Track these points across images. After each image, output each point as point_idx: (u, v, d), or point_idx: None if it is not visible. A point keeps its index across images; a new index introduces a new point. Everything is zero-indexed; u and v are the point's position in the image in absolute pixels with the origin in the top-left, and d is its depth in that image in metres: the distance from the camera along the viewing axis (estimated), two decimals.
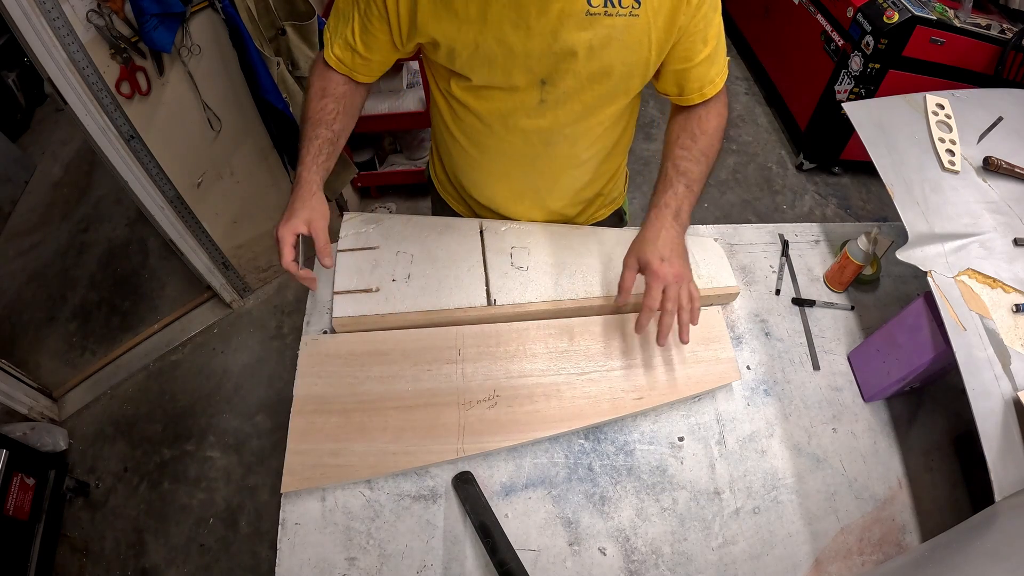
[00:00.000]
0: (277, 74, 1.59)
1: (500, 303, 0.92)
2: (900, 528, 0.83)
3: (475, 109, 0.86)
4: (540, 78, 0.79)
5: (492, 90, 0.82)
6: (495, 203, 1.04)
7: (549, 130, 0.86)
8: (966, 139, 1.06)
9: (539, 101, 0.82)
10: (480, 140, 0.91)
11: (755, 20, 3.15)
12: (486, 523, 0.75)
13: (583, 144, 0.91)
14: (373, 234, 0.98)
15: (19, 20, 1.22)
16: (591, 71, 0.78)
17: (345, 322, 0.89)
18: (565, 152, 0.91)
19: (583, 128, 0.87)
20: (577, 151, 0.91)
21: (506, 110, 0.84)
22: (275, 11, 1.58)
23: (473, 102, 0.85)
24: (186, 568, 1.62)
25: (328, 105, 0.86)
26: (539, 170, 0.94)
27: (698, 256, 1.02)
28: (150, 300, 2.21)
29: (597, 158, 0.96)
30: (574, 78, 0.78)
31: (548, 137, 0.87)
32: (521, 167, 0.94)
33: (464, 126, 0.91)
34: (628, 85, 0.83)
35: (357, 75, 0.88)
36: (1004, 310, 0.84)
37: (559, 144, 0.89)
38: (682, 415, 0.90)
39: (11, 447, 1.54)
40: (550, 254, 0.99)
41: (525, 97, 0.82)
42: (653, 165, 2.73)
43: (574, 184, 1.00)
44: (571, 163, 0.94)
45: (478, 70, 0.79)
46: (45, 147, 2.85)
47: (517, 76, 0.78)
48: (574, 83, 0.79)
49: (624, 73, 0.79)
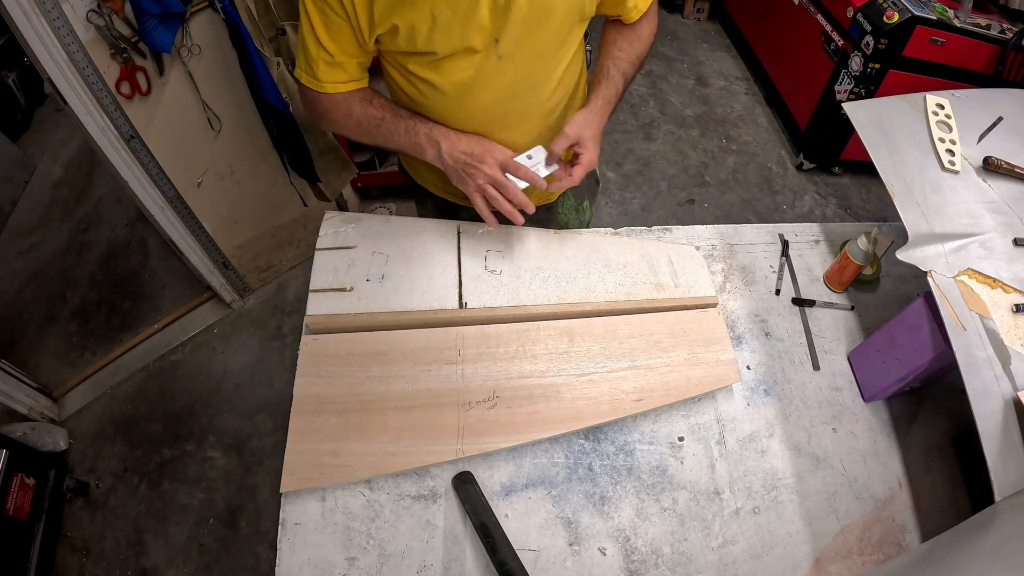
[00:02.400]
0: (277, 74, 1.59)
1: (471, 306, 0.93)
2: (900, 528, 0.83)
3: (439, 85, 0.88)
4: (493, 36, 0.83)
5: (453, 59, 0.85)
6: None
7: (513, 83, 0.89)
8: (966, 139, 1.06)
9: (497, 58, 0.85)
10: (449, 115, 0.93)
11: (755, 20, 3.15)
12: (486, 523, 0.75)
13: (547, 91, 0.94)
14: (351, 234, 0.98)
15: (19, 20, 1.22)
16: (536, 14, 0.82)
17: (318, 320, 0.89)
18: (532, 103, 0.94)
19: (544, 75, 0.91)
20: (543, 99, 0.95)
21: (469, 77, 0.87)
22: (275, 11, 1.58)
23: (437, 78, 0.88)
24: (186, 568, 1.62)
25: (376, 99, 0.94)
26: (511, 126, 0.96)
27: (676, 265, 1.02)
28: (150, 300, 2.21)
29: (563, 102, 1.00)
30: (521, 26, 0.82)
31: (513, 91, 0.90)
32: (494, 129, 0.96)
33: (432, 105, 0.93)
34: (572, 19, 0.88)
35: (357, 83, 0.92)
36: (1004, 310, 0.84)
37: (525, 96, 0.92)
38: (682, 415, 0.90)
39: (11, 447, 1.54)
40: (525, 258, 0.99)
41: (484, 58, 0.85)
42: (653, 165, 2.73)
43: (549, 132, 1.01)
44: (540, 112, 0.97)
45: (439, 41, 0.82)
46: (45, 147, 2.85)
47: (473, 37, 0.82)
48: (522, 31, 0.83)
49: (566, 9, 0.85)
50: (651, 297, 0.97)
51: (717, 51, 3.39)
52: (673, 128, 2.93)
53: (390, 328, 0.90)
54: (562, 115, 1.02)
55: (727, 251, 1.12)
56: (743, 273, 1.09)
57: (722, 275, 1.08)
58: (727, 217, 2.55)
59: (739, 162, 2.78)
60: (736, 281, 1.08)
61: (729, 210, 2.58)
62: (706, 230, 1.15)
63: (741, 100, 3.10)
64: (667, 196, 2.64)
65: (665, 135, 2.89)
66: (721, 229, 1.15)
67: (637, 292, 0.97)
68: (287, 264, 2.24)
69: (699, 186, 2.68)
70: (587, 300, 0.95)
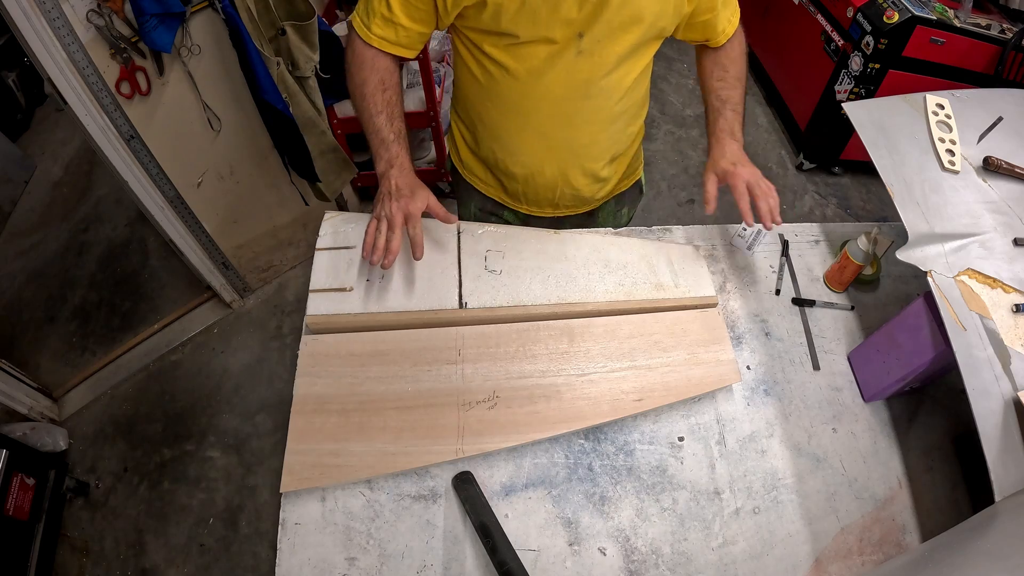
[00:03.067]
0: (277, 74, 1.59)
1: (471, 306, 0.92)
2: (900, 528, 0.83)
3: (513, 70, 0.89)
4: (578, 30, 0.84)
5: (532, 46, 0.86)
6: (531, 168, 1.04)
7: (586, 82, 0.90)
8: (966, 139, 1.06)
9: (576, 53, 0.86)
10: (517, 103, 0.94)
11: (755, 20, 3.15)
12: (486, 523, 0.75)
13: (616, 96, 0.95)
14: (352, 233, 0.98)
15: (19, 20, 1.22)
16: (623, 18, 0.83)
17: (318, 320, 0.89)
18: (601, 105, 0.95)
19: (616, 79, 0.92)
20: (611, 104, 0.96)
21: (544, 66, 0.88)
22: (275, 11, 1.58)
23: (511, 62, 0.89)
24: (186, 568, 1.62)
25: (393, 98, 0.92)
26: (576, 126, 0.97)
27: (676, 265, 1.02)
28: (150, 300, 2.21)
29: (628, 114, 1.01)
30: (607, 26, 0.84)
31: (585, 90, 0.91)
32: (559, 125, 0.97)
33: (500, 90, 0.93)
34: (657, 31, 0.89)
35: (403, 50, 0.91)
36: (1004, 310, 0.84)
37: (595, 97, 0.93)
38: (682, 415, 0.90)
39: (11, 447, 1.54)
40: (525, 258, 0.98)
41: (563, 50, 0.86)
42: (653, 165, 2.73)
43: (609, 141, 1.03)
44: (606, 117, 0.98)
45: (523, 25, 0.83)
46: (45, 147, 2.85)
47: (557, 29, 0.83)
48: (608, 31, 0.84)
49: (653, 20, 0.86)
50: (651, 297, 0.97)
51: None
52: (673, 128, 2.93)
53: (390, 328, 0.90)
54: (624, 128, 1.03)
55: (727, 251, 1.12)
56: (743, 273, 1.09)
57: (722, 275, 1.08)
58: (727, 217, 2.53)
59: None
60: (736, 281, 1.08)
61: (729, 210, 2.56)
62: (706, 230, 1.15)
63: None
64: (667, 196, 2.64)
65: (665, 135, 2.89)
66: (721, 229, 1.15)
67: (637, 292, 0.97)
68: (287, 264, 2.24)
69: (699, 186, 2.64)
70: (587, 300, 0.95)
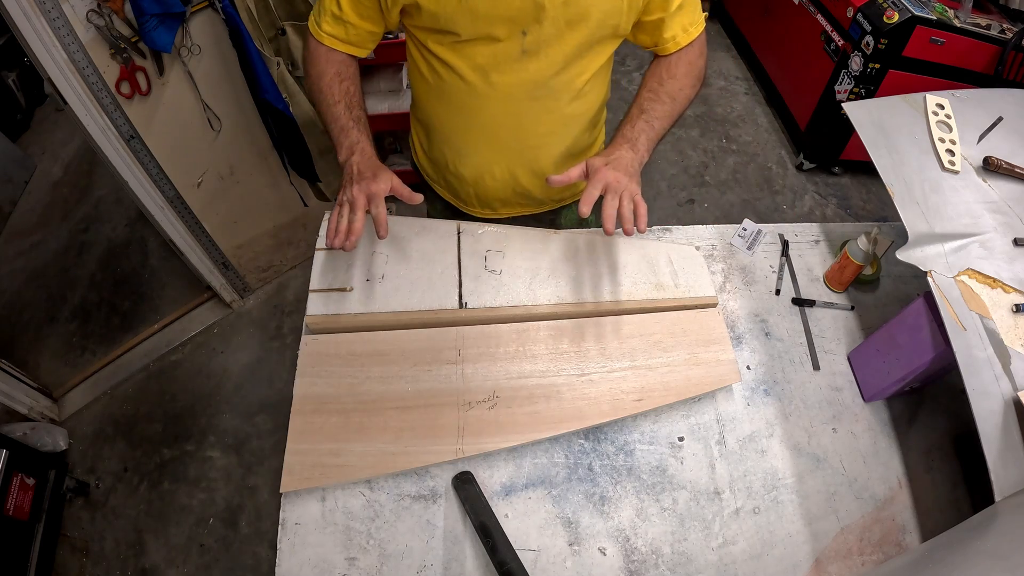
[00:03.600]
0: (277, 74, 1.59)
1: (471, 306, 0.92)
2: (900, 528, 0.83)
3: (458, 68, 0.88)
4: (521, 28, 0.82)
5: (475, 44, 0.85)
6: (480, 170, 1.03)
7: (532, 83, 0.88)
8: (966, 139, 1.06)
9: (521, 51, 0.84)
10: (464, 102, 0.93)
11: (755, 20, 3.15)
12: (486, 523, 0.75)
13: (566, 97, 0.93)
14: None
15: (19, 20, 1.22)
16: (568, 16, 0.81)
17: (318, 320, 0.89)
18: (550, 106, 0.93)
19: (566, 80, 0.90)
20: (561, 105, 0.94)
21: (489, 64, 0.86)
22: (275, 11, 1.58)
23: (456, 60, 0.87)
24: (186, 568, 1.62)
25: (351, 88, 0.91)
26: (524, 127, 0.95)
27: (676, 265, 1.02)
28: (150, 300, 2.21)
29: (583, 117, 0.98)
30: (552, 24, 0.81)
31: (532, 91, 0.89)
32: (507, 126, 0.95)
33: (447, 89, 0.92)
34: (604, 32, 0.86)
35: (353, 48, 0.91)
36: (1004, 310, 0.84)
37: (543, 98, 0.91)
38: (682, 415, 0.90)
39: (11, 447, 1.54)
40: (525, 258, 0.98)
41: (507, 48, 0.84)
42: (653, 165, 2.73)
43: (561, 144, 1.00)
44: (557, 118, 0.96)
45: (462, 22, 0.81)
46: (45, 147, 2.84)
47: (498, 26, 0.81)
48: (553, 30, 0.82)
49: (600, 19, 0.83)
50: (651, 297, 0.97)
51: (717, 51, 3.39)
52: (673, 128, 2.93)
53: (390, 328, 0.90)
54: (580, 131, 1.00)
55: (727, 251, 1.12)
56: (743, 273, 1.09)
57: (722, 275, 1.08)
58: (727, 217, 2.54)
59: (739, 162, 2.78)
60: (736, 281, 1.08)
61: (729, 210, 2.58)
62: (706, 230, 1.15)
63: (741, 100, 3.10)
64: (667, 196, 2.64)
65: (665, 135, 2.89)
66: (721, 229, 1.15)
67: (637, 292, 0.97)
68: (287, 264, 2.24)
69: (699, 186, 2.68)
70: (587, 300, 0.95)
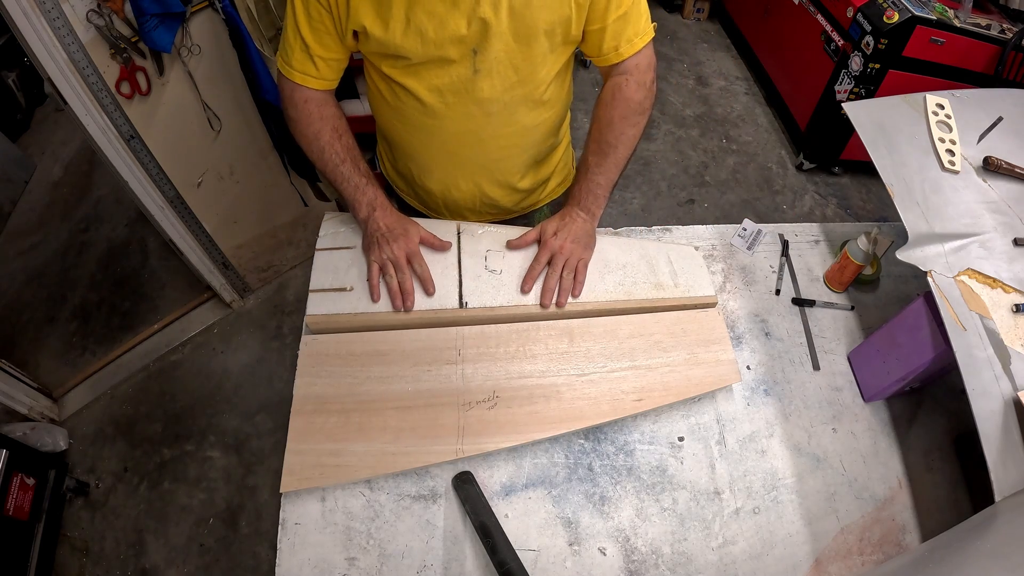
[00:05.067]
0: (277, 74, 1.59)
1: (471, 306, 0.92)
2: (900, 528, 0.84)
3: (414, 90, 0.88)
4: (471, 47, 0.82)
5: (428, 66, 0.85)
6: (445, 183, 1.03)
7: (488, 100, 0.89)
8: (966, 139, 1.06)
9: (473, 71, 0.85)
10: (422, 122, 0.93)
11: (755, 20, 3.15)
12: (486, 523, 0.75)
13: (523, 110, 0.93)
14: (351, 234, 0.98)
15: (19, 20, 1.21)
16: (516, 31, 0.81)
17: (318, 320, 0.89)
18: (507, 120, 0.93)
19: (522, 93, 0.90)
20: (519, 117, 0.94)
21: (444, 85, 0.87)
22: (275, 11, 1.58)
23: (411, 82, 0.88)
24: (186, 568, 1.62)
25: (350, 142, 0.94)
26: (484, 142, 0.95)
27: (676, 265, 1.02)
28: (150, 300, 2.21)
29: (542, 127, 0.98)
30: (500, 41, 0.82)
31: (487, 107, 0.90)
32: (467, 143, 0.95)
33: (406, 110, 0.92)
34: (555, 41, 0.86)
35: (326, 83, 0.92)
36: (1004, 310, 0.84)
37: (499, 114, 0.91)
38: (682, 415, 0.90)
39: (11, 447, 1.54)
40: (525, 259, 0.98)
41: (460, 69, 0.85)
42: (653, 165, 2.74)
43: (524, 154, 1.01)
44: (517, 131, 0.96)
45: (411, 46, 0.82)
46: (45, 147, 2.84)
47: (449, 48, 0.82)
48: (502, 46, 0.83)
49: (548, 31, 0.83)
50: (651, 297, 0.97)
51: (717, 51, 3.39)
52: (673, 128, 2.93)
53: (390, 328, 0.90)
54: (542, 140, 1.00)
55: (727, 251, 1.12)
56: (743, 273, 1.09)
57: (722, 275, 1.08)
58: (727, 217, 2.55)
59: (739, 162, 2.78)
60: (736, 281, 1.08)
61: (729, 210, 2.58)
62: (706, 230, 1.15)
63: (741, 100, 3.10)
64: (667, 196, 2.64)
65: (665, 135, 2.89)
66: (721, 229, 1.15)
67: (637, 292, 0.97)
68: (287, 264, 2.24)
69: (699, 186, 2.68)
70: (587, 300, 0.95)
